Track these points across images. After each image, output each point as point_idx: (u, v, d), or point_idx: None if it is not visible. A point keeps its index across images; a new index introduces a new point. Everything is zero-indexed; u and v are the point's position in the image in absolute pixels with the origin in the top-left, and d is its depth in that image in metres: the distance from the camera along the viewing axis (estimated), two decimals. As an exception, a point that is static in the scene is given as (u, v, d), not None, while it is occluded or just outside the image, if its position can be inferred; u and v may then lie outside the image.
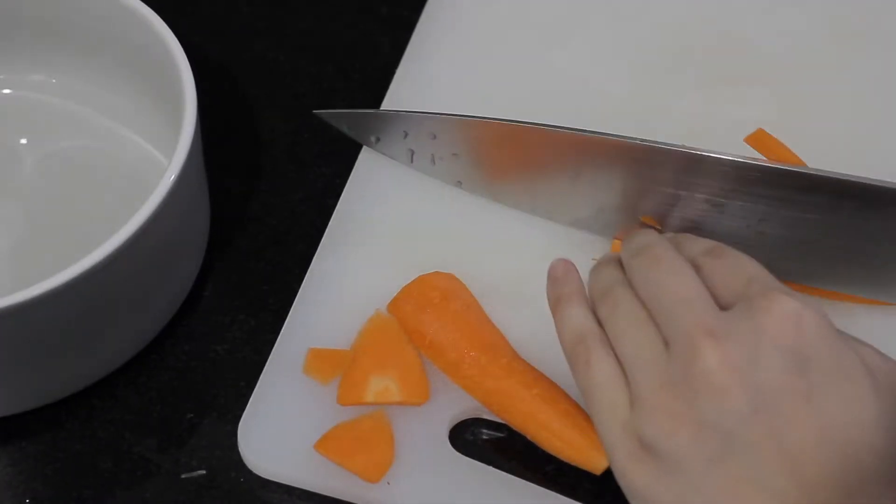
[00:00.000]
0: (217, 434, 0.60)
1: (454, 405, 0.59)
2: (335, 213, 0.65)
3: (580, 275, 0.56)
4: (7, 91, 0.68)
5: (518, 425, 0.58)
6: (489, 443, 0.59)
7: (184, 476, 0.59)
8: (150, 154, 0.66)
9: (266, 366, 0.60)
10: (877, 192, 0.55)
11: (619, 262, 0.55)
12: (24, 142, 0.67)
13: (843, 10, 0.71)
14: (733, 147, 0.59)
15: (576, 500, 0.56)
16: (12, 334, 0.55)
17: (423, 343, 0.59)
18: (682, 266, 0.52)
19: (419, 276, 0.61)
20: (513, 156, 0.62)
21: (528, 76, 0.69)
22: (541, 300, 0.56)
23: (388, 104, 0.68)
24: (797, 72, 0.69)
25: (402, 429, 0.58)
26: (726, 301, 0.51)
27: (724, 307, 0.50)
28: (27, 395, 0.60)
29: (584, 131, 0.59)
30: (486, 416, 0.59)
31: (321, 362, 0.60)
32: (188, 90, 0.59)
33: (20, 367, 0.58)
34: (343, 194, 0.65)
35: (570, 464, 0.57)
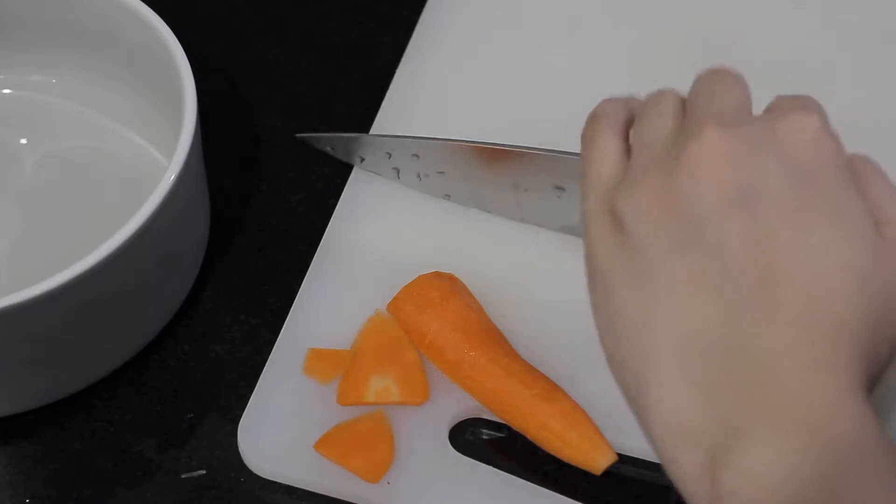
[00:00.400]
0: (217, 434, 0.59)
1: (454, 405, 0.59)
2: (335, 213, 0.65)
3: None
4: (7, 91, 0.68)
5: (518, 425, 0.58)
6: (489, 443, 0.59)
7: (184, 476, 0.59)
8: (150, 154, 0.66)
9: (266, 366, 0.60)
10: None
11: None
12: (24, 142, 0.67)
13: (844, 11, 0.71)
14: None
15: (576, 499, 0.56)
16: (12, 334, 0.55)
17: (423, 343, 0.59)
18: (744, 86, 0.48)
19: (419, 276, 0.61)
20: (497, 173, 0.62)
21: (527, 76, 0.69)
22: (541, 300, 0.56)
23: (387, 105, 0.68)
24: (797, 72, 0.69)
25: (402, 429, 0.58)
26: None
27: None
28: (27, 395, 0.60)
29: (562, 152, 0.59)
30: (486, 416, 0.59)
31: (321, 362, 0.60)
32: (188, 90, 0.59)
33: (20, 367, 0.58)
34: (343, 194, 0.65)
35: (570, 464, 0.57)
